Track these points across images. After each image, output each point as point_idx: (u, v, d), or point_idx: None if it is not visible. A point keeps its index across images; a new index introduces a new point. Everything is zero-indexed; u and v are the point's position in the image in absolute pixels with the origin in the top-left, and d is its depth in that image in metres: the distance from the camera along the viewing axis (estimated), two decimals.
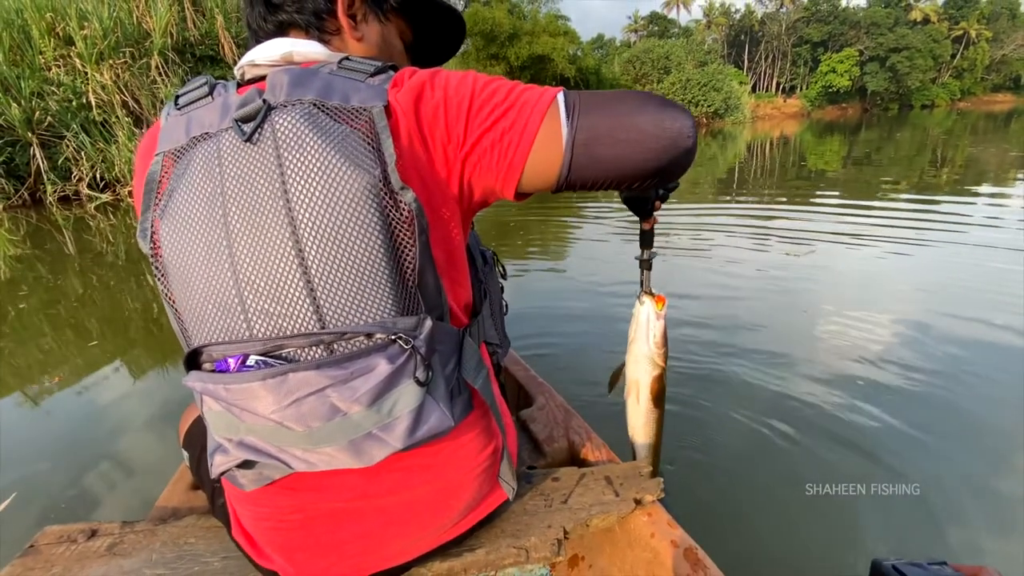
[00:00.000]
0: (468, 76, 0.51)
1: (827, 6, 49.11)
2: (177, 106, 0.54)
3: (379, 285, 0.47)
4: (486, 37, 24.51)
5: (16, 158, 7.58)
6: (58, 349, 2.71)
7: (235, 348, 0.49)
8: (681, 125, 0.50)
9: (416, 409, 0.49)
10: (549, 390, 1.14)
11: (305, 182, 0.45)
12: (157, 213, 0.51)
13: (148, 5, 8.69)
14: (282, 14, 0.57)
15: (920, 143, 12.76)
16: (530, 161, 0.50)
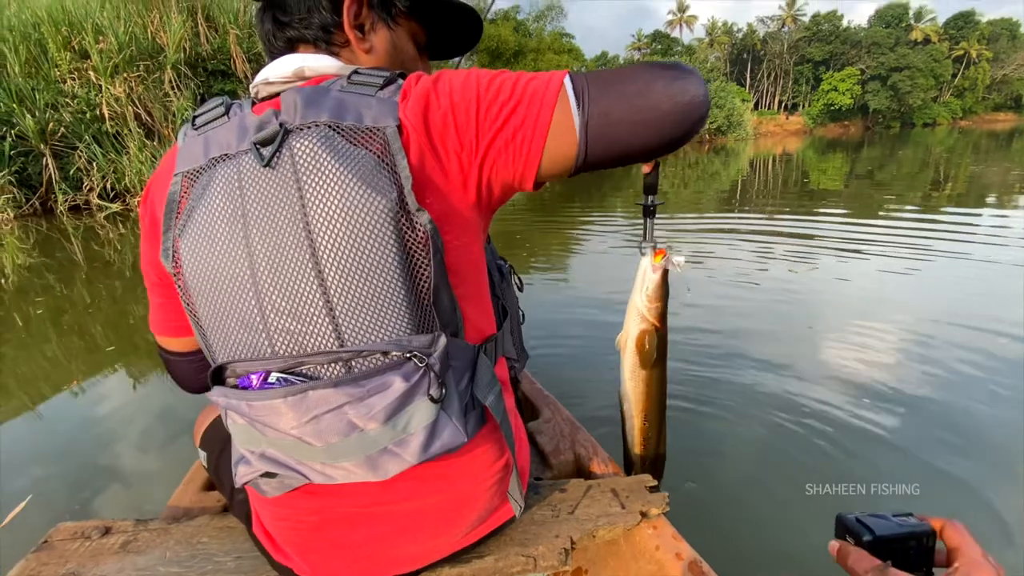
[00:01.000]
0: (471, 76, 0.51)
1: (828, 26, 49.74)
2: (194, 127, 0.55)
3: (395, 304, 0.49)
4: (492, 54, 24.90)
5: (29, 168, 7.71)
6: (64, 356, 2.73)
7: (258, 365, 0.51)
8: (693, 95, 0.49)
9: (430, 425, 0.50)
10: (555, 403, 1.15)
11: (324, 206, 0.46)
12: (177, 232, 0.52)
13: (163, 21, 8.89)
14: (290, 30, 0.58)
15: (922, 161, 12.82)
16: (546, 152, 0.49)
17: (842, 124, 48.90)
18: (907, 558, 0.39)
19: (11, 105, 7.38)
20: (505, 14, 27.91)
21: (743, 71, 53.10)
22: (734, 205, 7.13)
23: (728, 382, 1.98)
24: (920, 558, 0.40)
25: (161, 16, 8.91)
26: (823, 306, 2.83)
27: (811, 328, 2.49)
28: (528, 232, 5.65)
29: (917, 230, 4.73)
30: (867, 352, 2.18)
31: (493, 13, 27.80)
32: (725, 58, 52.70)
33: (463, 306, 0.55)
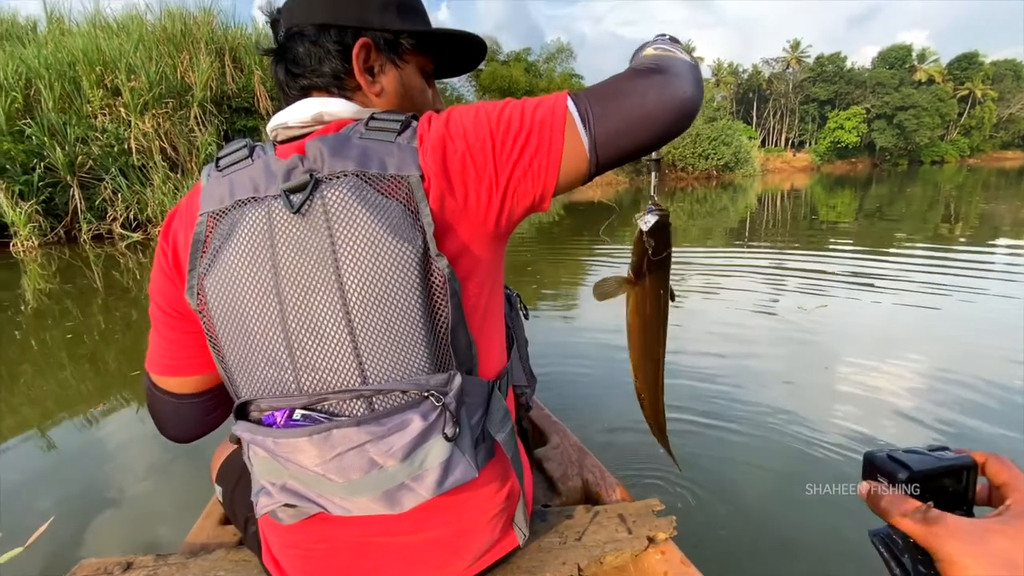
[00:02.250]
0: (481, 113, 0.53)
1: (832, 67, 50.92)
2: (218, 168, 0.57)
3: (416, 344, 0.51)
4: (503, 93, 25.75)
5: (56, 198, 8.01)
6: (75, 382, 2.77)
7: (283, 401, 0.52)
8: (682, 98, 0.53)
9: (445, 461, 0.52)
10: (563, 429, 1.15)
11: (355, 253, 0.49)
12: (203, 270, 0.54)
13: (192, 61, 9.37)
14: (303, 80, 0.61)
15: (932, 198, 12.82)
16: (561, 171, 0.53)
17: (849, 161, 49.31)
18: (945, 496, 0.34)
19: (43, 138, 7.74)
20: (517, 56, 29.02)
21: (749, 109, 54.19)
22: (743, 239, 7.15)
23: (739, 412, 1.96)
24: (959, 496, 0.35)
25: (191, 57, 9.41)
26: (838, 344, 2.79)
27: (827, 368, 2.43)
28: (537, 263, 5.70)
29: (931, 266, 4.70)
30: (883, 393, 2.12)
31: (506, 55, 28.97)
32: (731, 97, 53.92)
33: (478, 343, 0.57)
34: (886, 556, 0.35)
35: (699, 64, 0.62)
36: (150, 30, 9.64)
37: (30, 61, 8.27)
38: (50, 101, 8.09)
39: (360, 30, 0.60)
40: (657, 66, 0.55)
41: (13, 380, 2.79)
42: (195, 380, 0.63)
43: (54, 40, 9.21)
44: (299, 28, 0.60)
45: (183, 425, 0.67)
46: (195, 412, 0.65)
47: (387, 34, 0.61)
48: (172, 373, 0.63)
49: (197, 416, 0.66)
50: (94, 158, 8.20)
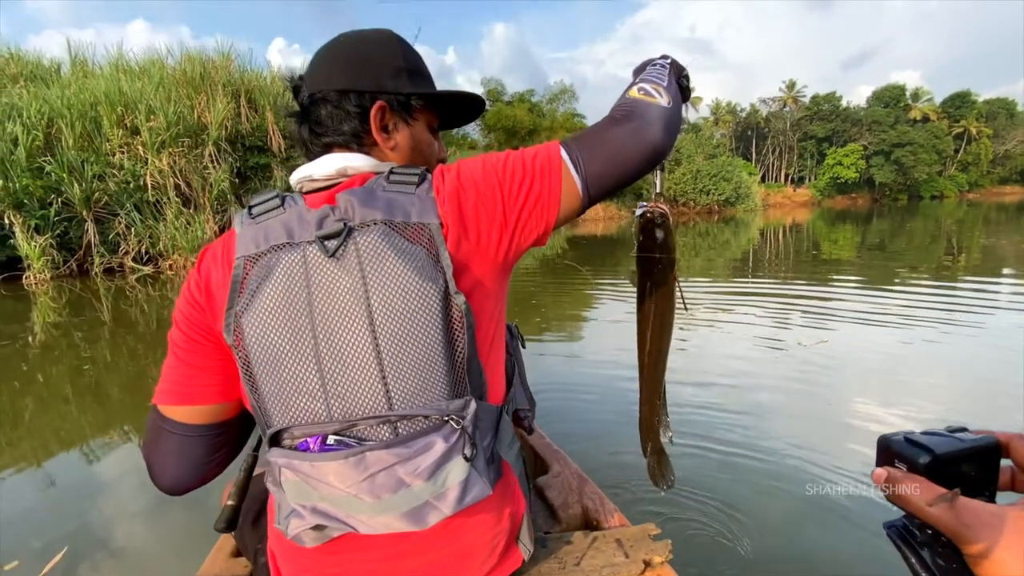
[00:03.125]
0: (488, 165, 0.61)
1: (828, 106, 52.22)
2: (251, 215, 0.62)
3: (437, 373, 0.56)
4: (508, 132, 26.53)
5: (71, 232, 8.20)
6: (77, 414, 2.78)
7: (315, 428, 0.56)
8: (654, 143, 0.63)
9: (464, 480, 0.56)
10: (564, 458, 1.16)
11: (385, 292, 0.55)
12: (240, 309, 0.58)
13: (209, 102, 9.75)
14: (326, 138, 0.67)
15: (933, 233, 12.89)
16: (560, 210, 0.62)
17: (849, 196, 49.86)
18: (967, 481, 0.31)
19: (62, 175, 7.99)
20: (521, 96, 30.01)
21: (748, 146, 55.32)
22: (747, 273, 7.19)
23: (741, 453, 1.94)
24: (982, 481, 0.32)
25: (208, 98, 9.80)
26: (845, 380, 2.77)
27: (830, 405, 2.41)
28: (541, 296, 5.74)
29: (936, 300, 4.69)
30: (888, 426, 2.11)
31: (510, 96, 29.98)
32: (731, 134, 55.12)
33: (487, 370, 0.63)
34: (904, 550, 0.32)
35: (680, 104, 0.70)
36: (170, 73, 10.07)
37: (53, 101, 8.63)
38: (71, 139, 8.39)
39: (376, 94, 0.67)
40: (633, 113, 0.64)
41: (16, 412, 2.80)
42: (206, 410, 0.65)
43: (77, 81, 9.63)
44: (322, 94, 0.67)
45: (183, 466, 0.66)
46: (199, 449, 0.66)
47: (400, 96, 0.68)
48: (184, 401, 0.64)
49: (201, 455, 0.66)
50: (110, 194, 8.44)
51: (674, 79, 0.74)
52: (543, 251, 11.48)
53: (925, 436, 0.33)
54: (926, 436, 0.33)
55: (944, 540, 0.30)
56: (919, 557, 0.31)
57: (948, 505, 0.29)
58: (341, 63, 0.68)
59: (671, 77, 0.72)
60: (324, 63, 0.69)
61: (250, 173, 10.29)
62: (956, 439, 0.32)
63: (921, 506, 0.30)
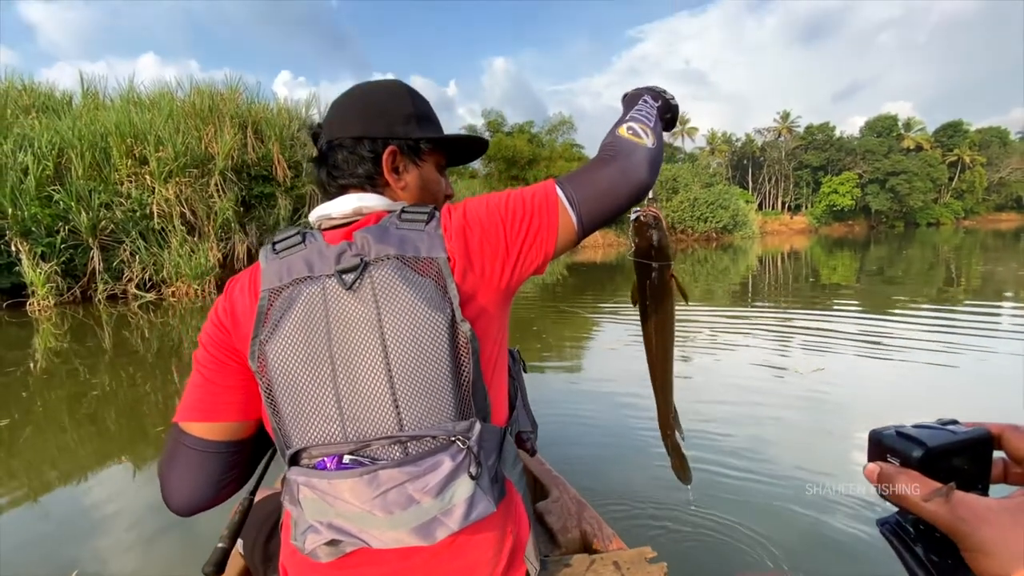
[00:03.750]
0: (491, 204, 0.67)
1: (822, 136, 53.28)
2: (275, 251, 0.67)
3: (444, 396, 0.60)
4: (508, 161, 27.03)
5: (76, 259, 8.27)
6: (74, 443, 2.76)
7: (331, 449, 0.60)
8: (638, 181, 0.70)
9: (469, 498, 0.60)
10: (563, 483, 1.17)
11: (398, 321, 0.59)
12: (264, 337, 0.62)
13: (217, 133, 9.99)
14: (342, 180, 0.74)
15: (931, 260, 12.98)
16: (557, 242, 0.68)
17: (846, 223, 50.33)
18: (960, 475, 0.30)
19: (70, 204, 8.13)
20: (520, 127, 30.69)
21: (745, 175, 56.14)
22: (747, 300, 7.21)
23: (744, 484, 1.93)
24: (976, 474, 0.31)
25: (215, 130, 10.05)
26: (848, 406, 2.77)
27: (831, 434, 2.41)
28: (542, 322, 5.76)
29: (937, 326, 4.71)
30: None
31: (510, 127, 30.68)
32: (727, 163, 56.02)
33: (491, 394, 0.66)
34: (897, 547, 0.32)
35: (662, 141, 0.77)
36: (179, 105, 10.35)
37: (64, 132, 8.84)
38: (80, 169, 8.57)
39: (388, 139, 0.73)
40: (620, 154, 0.71)
41: (14, 440, 2.79)
42: (226, 427, 0.68)
43: (88, 113, 9.88)
44: (339, 140, 0.73)
45: (198, 483, 0.68)
46: (216, 466, 0.68)
47: (409, 141, 0.75)
48: (206, 418, 0.68)
49: (216, 471, 0.69)
50: (116, 222, 8.56)
51: (660, 117, 0.81)
52: (543, 277, 11.53)
53: (917, 429, 0.32)
54: (918, 429, 0.32)
55: (938, 535, 0.30)
56: (913, 553, 0.31)
57: (944, 500, 0.28)
58: (356, 112, 0.74)
59: (658, 116, 0.79)
60: (340, 112, 0.75)
61: (254, 202, 10.45)
62: (949, 431, 0.31)
63: (916, 502, 0.29)
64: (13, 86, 10.92)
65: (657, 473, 1.96)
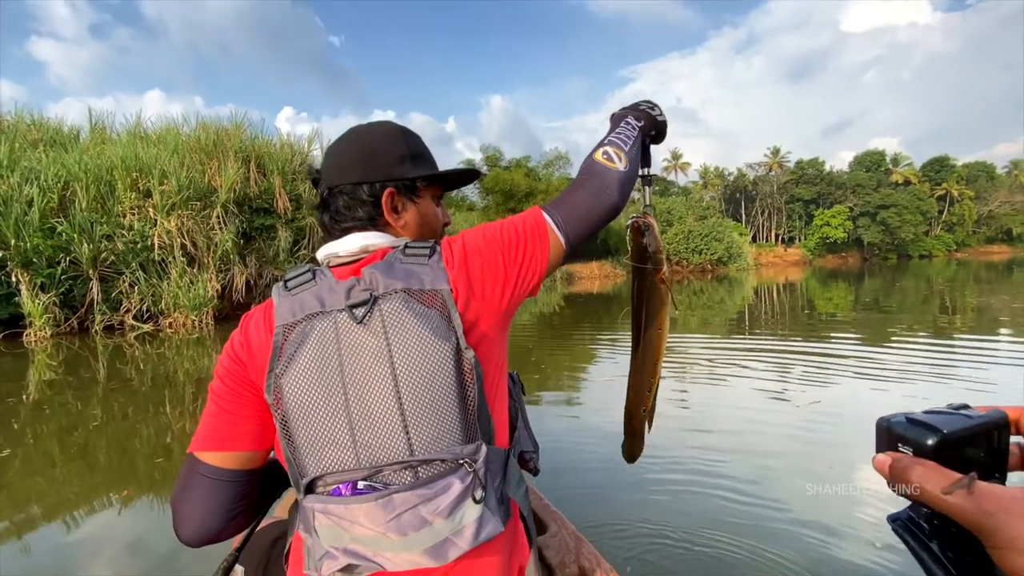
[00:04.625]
0: (488, 234, 0.73)
1: (812, 171, 54.50)
2: (287, 288, 0.71)
3: (452, 420, 0.63)
4: (505, 195, 27.52)
5: (75, 290, 8.29)
6: (62, 477, 2.72)
7: (345, 476, 0.63)
8: (612, 203, 0.78)
9: (478, 518, 0.62)
10: (561, 518, 1.17)
11: (406, 351, 0.62)
12: (279, 371, 0.65)
13: (220, 167, 10.19)
14: (345, 223, 0.78)
15: (926, 291, 13.08)
16: (549, 261, 0.75)
17: (840, 256, 50.87)
18: (976, 464, 0.28)
19: (72, 235, 8.21)
20: (518, 162, 31.38)
21: (738, 208, 57.09)
22: (744, 330, 7.23)
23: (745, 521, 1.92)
24: (992, 462, 0.29)
25: (219, 164, 10.26)
26: (847, 438, 2.77)
27: (831, 468, 2.40)
28: (539, 352, 5.75)
29: (935, 357, 4.72)
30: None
31: (507, 161, 31.35)
32: (720, 197, 57.04)
33: (494, 418, 0.69)
34: (912, 544, 0.29)
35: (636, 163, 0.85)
36: (184, 140, 10.60)
37: (71, 166, 9.02)
38: (84, 201, 8.69)
39: (386, 182, 0.77)
40: (593, 178, 0.79)
41: (1, 471, 2.75)
42: (239, 456, 0.71)
43: (95, 147, 10.09)
44: (339, 187, 0.78)
45: (209, 512, 0.69)
46: (227, 494, 0.70)
47: (406, 181, 0.80)
48: (220, 447, 0.70)
49: (227, 500, 0.70)
50: (117, 253, 8.63)
51: (643, 135, 0.89)
52: (540, 308, 11.56)
53: (928, 415, 0.29)
54: (929, 415, 0.29)
55: (954, 531, 0.27)
56: (929, 551, 0.28)
57: (966, 492, 0.26)
58: (353, 158, 0.79)
59: (637, 137, 0.87)
60: (338, 159, 0.80)
61: (255, 233, 10.57)
62: (963, 416, 0.29)
63: (934, 495, 0.26)
64: (22, 120, 11.19)
65: (657, 506, 1.95)
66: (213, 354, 6.72)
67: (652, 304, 0.89)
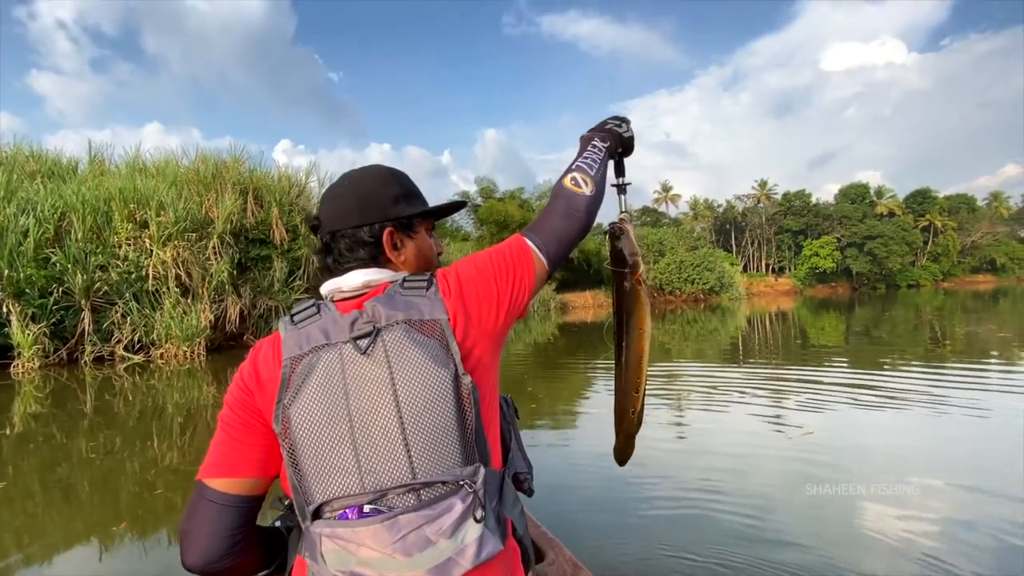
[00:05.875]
0: (478, 264, 0.78)
1: (799, 202, 55.79)
2: (293, 322, 0.74)
3: (452, 444, 0.66)
4: (499, 225, 27.88)
5: (66, 320, 8.20)
6: (42, 512, 2.66)
7: (351, 500, 0.65)
8: (583, 225, 0.85)
9: (479, 538, 0.64)
10: (559, 545, 1.18)
11: (408, 379, 0.66)
12: (287, 402, 0.68)
13: (218, 199, 10.28)
14: (349, 263, 0.82)
15: (915, 321, 13.23)
16: (535, 281, 0.80)
17: (829, 285, 51.52)
18: None
19: (66, 265, 8.18)
20: (512, 194, 31.91)
21: (728, 239, 58.03)
22: (739, 360, 7.26)
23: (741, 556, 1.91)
24: None
25: (217, 195, 10.35)
26: (845, 463, 2.78)
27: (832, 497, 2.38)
28: (534, 382, 5.73)
29: (926, 385, 4.77)
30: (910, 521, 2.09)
31: (501, 193, 31.86)
32: (710, 228, 58.05)
33: (489, 440, 0.74)
34: None
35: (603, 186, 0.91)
36: (183, 172, 10.72)
37: (68, 197, 9.07)
38: (80, 232, 8.70)
39: (384, 222, 0.83)
40: (563, 202, 0.86)
41: None
42: (245, 482, 0.73)
43: (94, 179, 10.16)
44: (340, 231, 0.84)
45: (214, 537, 0.71)
46: (232, 520, 0.72)
47: (403, 219, 0.86)
48: (228, 473, 0.73)
49: (232, 526, 0.72)
50: (111, 284, 8.59)
51: (610, 155, 0.96)
52: (535, 337, 11.56)
53: None
54: None
55: None
56: None
57: None
58: (351, 204, 0.84)
59: (604, 158, 0.93)
60: (336, 205, 0.85)
61: (250, 264, 10.58)
62: None
63: None
64: (20, 152, 11.29)
65: (653, 531, 1.94)
66: (204, 385, 6.63)
67: (631, 304, 0.95)
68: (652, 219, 57.11)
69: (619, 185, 1.05)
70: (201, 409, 5.09)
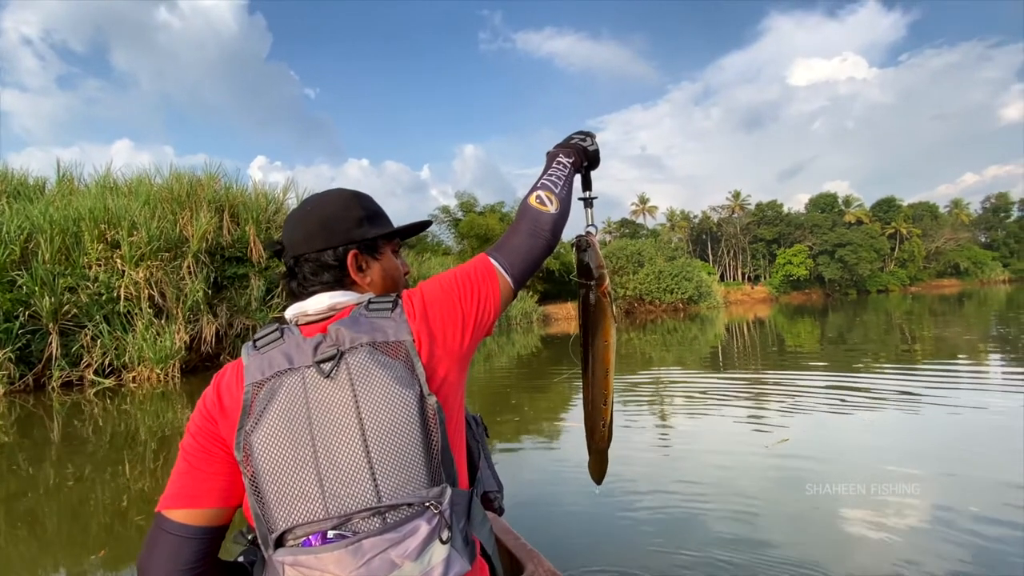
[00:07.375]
0: (443, 284, 0.78)
1: (771, 212, 57.37)
2: (256, 347, 0.73)
3: (418, 465, 0.66)
4: (480, 239, 27.97)
5: (33, 344, 7.89)
6: (5, 547, 2.55)
7: (315, 527, 0.64)
8: (546, 240, 0.86)
9: (445, 559, 0.64)
10: (538, 557, 1.19)
11: (372, 401, 0.66)
12: (249, 428, 0.67)
13: (192, 217, 10.06)
14: (313, 286, 0.81)
15: (886, 325, 13.65)
16: (500, 300, 0.81)
17: (803, 292, 52.87)
18: None
19: (33, 288, 7.90)
20: (492, 208, 32.08)
21: (704, 249, 59.17)
22: (719, 367, 7.38)
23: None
24: None
25: (191, 213, 10.14)
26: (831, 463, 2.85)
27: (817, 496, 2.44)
28: (518, 394, 5.73)
29: (900, 385, 4.91)
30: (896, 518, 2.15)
31: (482, 207, 32.00)
32: (687, 239, 59.14)
33: (456, 460, 0.72)
34: None
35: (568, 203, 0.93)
36: (156, 190, 10.47)
37: (35, 218, 8.77)
38: (48, 253, 8.42)
39: (348, 245, 0.82)
40: (528, 221, 0.87)
41: None
42: (206, 513, 0.72)
43: (62, 198, 9.85)
44: (304, 255, 0.82)
45: (176, 572, 0.69)
46: (191, 553, 0.70)
47: (367, 241, 0.86)
48: (188, 504, 0.71)
49: (192, 559, 0.70)
50: (80, 306, 8.30)
51: (575, 170, 0.98)
52: (518, 350, 11.55)
53: None
54: None
55: None
56: None
57: None
58: (314, 228, 0.84)
59: (569, 174, 0.95)
60: (300, 229, 0.85)
61: (226, 283, 10.36)
62: None
63: None
64: None
65: (634, 542, 1.97)
66: (179, 408, 6.45)
67: (596, 317, 0.97)
68: (631, 231, 57.96)
69: (586, 199, 1.08)
70: (176, 433, 4.94)
